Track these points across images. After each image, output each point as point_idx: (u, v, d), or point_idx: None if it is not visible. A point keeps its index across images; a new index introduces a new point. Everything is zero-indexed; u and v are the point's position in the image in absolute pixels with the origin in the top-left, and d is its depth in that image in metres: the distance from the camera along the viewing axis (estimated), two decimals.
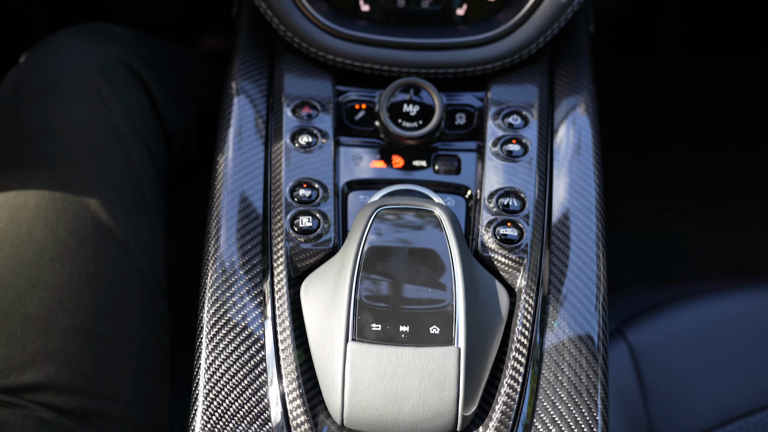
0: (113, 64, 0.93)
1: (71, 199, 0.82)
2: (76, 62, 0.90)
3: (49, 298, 0.77)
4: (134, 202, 0.87)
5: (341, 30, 0.83)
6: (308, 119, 0.81)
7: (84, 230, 0.81)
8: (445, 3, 0.85)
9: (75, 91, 0.89)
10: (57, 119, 0.87)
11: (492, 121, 0.82)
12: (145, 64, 0.98)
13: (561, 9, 0.83)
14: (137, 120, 0.91)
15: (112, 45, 0.96)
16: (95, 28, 1.00)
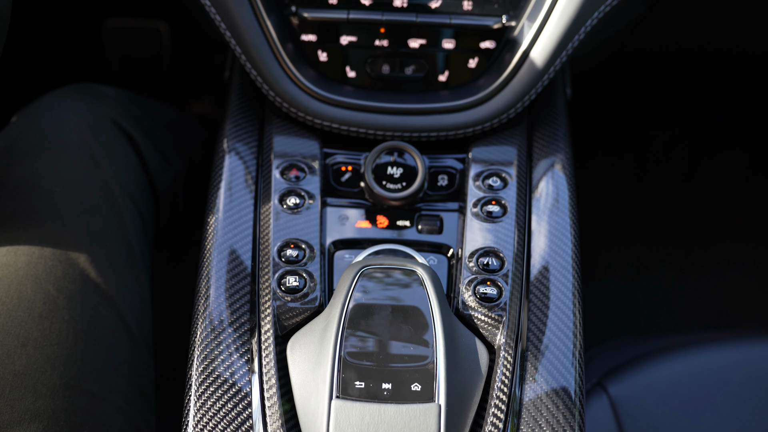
0: (103, 123, 0.96)
1: (60, 257, 0.84)
2: (67, 121, 0.93)
3: (37, 356, 0.79)
4: (122, 258, 0.89)
5: (328, 96, 0.87)
6: (296, 181, 0.84)
7: (73, 287, 0.83)
8: (427, 70, 0.89)
9: (66, 149, 0.91)
10: (47, 176, 0.89)
11: (473, 183, 0.85)
12: (135, 122, 1.01)
13: (538, 75, 0.87)
14: (126, 177, 0.94)
15: (102, 104, 0.99)
16: (86, 88, 1.03)
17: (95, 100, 0.99)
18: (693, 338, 1.12)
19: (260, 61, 0.86)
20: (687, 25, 1.21)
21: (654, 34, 1.20)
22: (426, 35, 0.87)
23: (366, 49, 0.88)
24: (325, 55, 0.89)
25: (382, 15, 0.86)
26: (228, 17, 0.86)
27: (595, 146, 1.75)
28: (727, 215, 1.71)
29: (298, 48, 0.89)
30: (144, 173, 0.98)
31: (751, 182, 1.74)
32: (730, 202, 1.73)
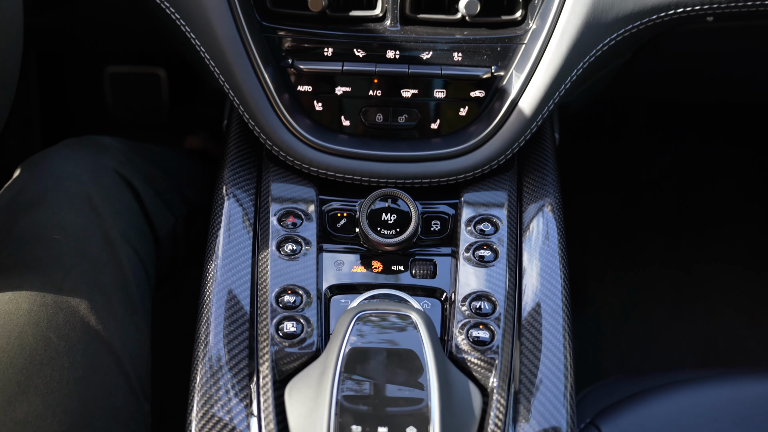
0: (105, 173, 0.99)
1: (62, 304, 0.86)
2: (69, 172, 0.96)
3: (38, 403, 0.80)
4: (122, 305, 0.91)
5: (324, 144, 0.90)
6: (293, 228, 0.87)
7: (73, 334, 0.85)
8: (419, 118, 0.92)
9: (68, 200, 0.94)
10: (49, 226, 0.91)
11: (464, 228, 0.88)
12: (136, 171, 1.04)
13: (527, 123, 0.90)
14: (127, 225, 0.96)
15: (104, 155, 1.01)
16: (87, 140, 1.05)
17: (97, 152, 1.01)
18: (685, 377, 1.13)
19: (258, 111, 0.89)
20: (671, 73, 1.26)
21: (639, 80, 1.24)
22: (418, 85, 0.91)
23: (360, 99, 0.91)
24: (320, 105, 0.92)
25: (375, 67, 0.90)
26: (227, 70, 0.89)
27: (585, 183, 1.78)
28: (717, 251, 1.74)
29: (295, 98, 0.92)
30: (145, 220, 1.01)
31: (740, 217, 1.77)
32: (718, 238, 1.76)
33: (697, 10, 0.90)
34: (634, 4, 0.88)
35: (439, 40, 0.90)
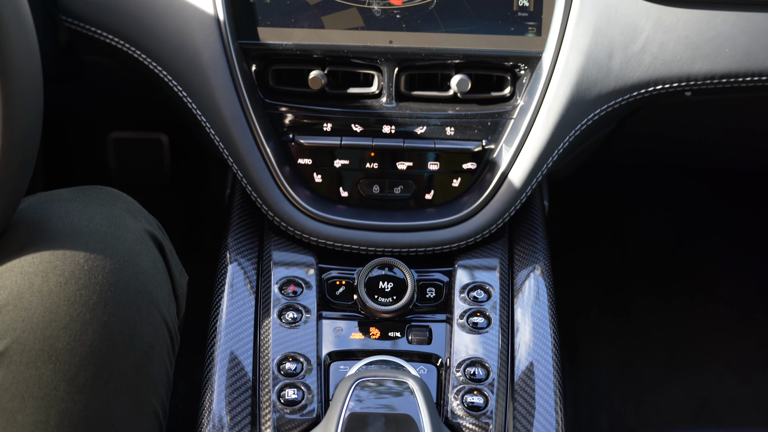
0: (125, 226, 0.86)
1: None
2: (84, 228, 0.81)
3: None
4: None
5: (323, 215, 0.94)
6: (294, 296, 0.90)
7: None
8: (414, 189, 0.96)
9: (83, 265, 0.82)
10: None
11: (458, 296, 0.91)
12: (155, 225, 0.93)
13: (517, 194, 0.95)
14: (156, 285, 0.85)
15: (120, 205, 0.88)
16: (96, 188, 0.91)
17: (114, 203, 0.89)
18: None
19: (260, 184, 0.94)
20: (654, 140, 1.31)
21: (624, 146, 1.30)
22: (413, 158, 0.95)
23: (358, 171, 0.96)
24: (320, 177, 0.96)
25: (372, 141, 0.94)
26: (231, 145, 0.94)
27: (577, 242, 1.82)
28: (708, 309, 1.77)
29: (295, 170, 0.96)
30: (169, 279, 0.90)
31: (731, 275, 1.81)
32: (709, 296, 1.79)
33: (675, 86, 0.96)
34: (615, 83, 0.94)
35: (433, 115, 0.95)
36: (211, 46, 0.91)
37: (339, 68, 0.95)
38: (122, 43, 0.96)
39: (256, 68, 0.95)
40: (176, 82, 0.95)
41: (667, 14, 0.93)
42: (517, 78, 0.96)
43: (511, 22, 0.93)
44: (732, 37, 0.93)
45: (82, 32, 0.98)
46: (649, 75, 0.94)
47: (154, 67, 0.96)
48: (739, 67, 0.94)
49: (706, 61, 0.94)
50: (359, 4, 0.93)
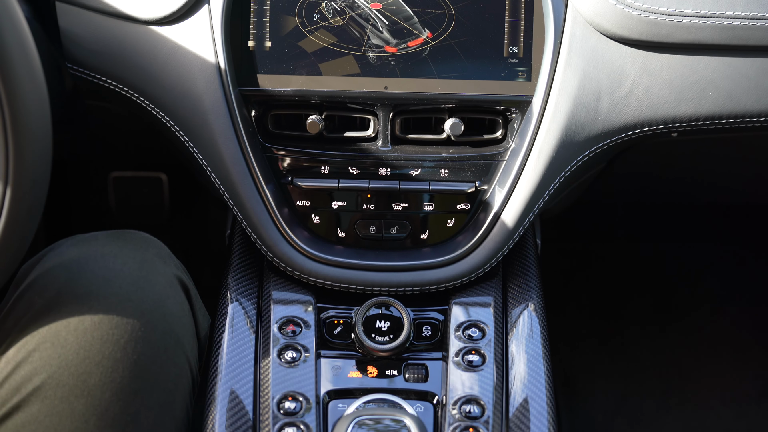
0: (156, 269, 0.89)
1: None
2: (118, 272, 0.85)
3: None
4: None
5: (321, 255, 0.96)
6: (293, 335, 0.92)
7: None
8: (410, 230, 0.99)
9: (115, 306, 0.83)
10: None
11: (454, 334, 0.93)
12: (182, 269, 0.95)
13: (510, 233, 0.97)
14: (181, 329, 0.88)
15: (151, 250, 0.92)
16: (129, 233, 0.96)
17: (146, 248, 0.92)
18: None
19: (259, 225, 0.96)
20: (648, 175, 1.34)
21: (615, 184, 1.33)
22: (408, 199, 0.98)
23: (355, 212, 0.98)
24: (317, 218, 0.99)
25: (368, 183, 0.97)
26: (231, 188, 0.97)
27: (571, 275, 1.84)
28: (702, 342, 1.79)
29: (293, 212, 0.99)
30: (193, 321, 0.92)
31: (725, 308, 1.83)
32: (704, 329, 1.81)
33: (661, 128, 0.99)
34: (603, 125, 0.97)
35: (427, 158, 0.98)
36: (212, 92, 0.94)
37: (336, 113, 0.98)
38: (126, 90, 0.99)
39: (255, 113, 0.98)
40: (178, 127, 0.98)
41: (652, 60, 0.96)
42: (509, 121, 0.99)
43: (502, 68, 0.97)
44: (714, 81, 0.97)
45: (87, 79, 1.01)
46: (636, 118, 0.97)
47: (157, 112, 0.99)
48: (722, 110, 0.98)
49: (690, 104, 0.97)
50: (355, 52, 0.96)
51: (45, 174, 0.77)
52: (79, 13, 0.98)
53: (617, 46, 0.96)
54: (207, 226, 1.79)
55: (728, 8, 0.94)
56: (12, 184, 0.71)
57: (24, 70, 0.71)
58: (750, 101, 0.97)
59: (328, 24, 0.96)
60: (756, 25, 0.94)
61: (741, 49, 0.96)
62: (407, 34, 0.96)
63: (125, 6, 0.96)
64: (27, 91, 0.71)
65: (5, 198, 0.71)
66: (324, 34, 0.96)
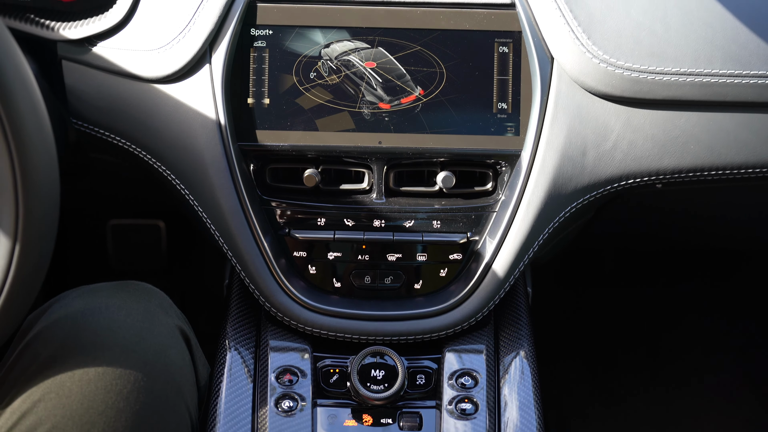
0: (158, 320, 0.92)
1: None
2: (121, 323, 0.88)
3: None
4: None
5: (317, 305, 0.99)
6: (290, 384, 0.94)
7: None
8: (404, 280, 1.02)
9: (120, 362, 0.85)
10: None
11: (447, 382, 0.95)
12: (183, 320, 0.98)
13: (501, 283, 1.00)
14: (182, 378, 0.90)
15: (151, 302, 0.94)
16: (131, 285, 0.98)
17: (149, 299, 0.95)
18: None
19: (257, 276, 0.99)
20: (635, 222, 1.38)
21: (603, 232, 1.36)
22: (402, 250, 1.01)
23: (350, 263, 1.01)
24: (314, 268, 1.01)
25: (363, 235, 1.00)
26: (230, 240, 0.99)
27: (563, 320, 1.86)
28: (694, 388, 1.80)
29: (290, 263, 1.01)
30: (194, 371, 0.95)
31: (716, 353, 1.85)
32: (696, 375, 1.83)
33: (646, 180, 1.03)
34: (590, 178, 1.00)
35: (420, 210, 1.01)
36: (213, 147, 0.98)
37: (332, 166, 1.02)
38: (129, 144, 1.03)
39: (254, 167, 1.01)
40: (179, 180, 1.01)
41: (635, 115, 1.00)
42: (499, 174, 1.03)
43: (491, 123, 1.01)
44: (695, 135, 1.01)
45: (90, 133, 1.05)
46: (621, 170, 1.01)
47: (158, 166, 1.02)
48: (704, 163, 1.01)
49: (673, 158, 1.01)
50: (350, 108, 1.00)
51: (52, 228, 0.79)
52: (85, 71, 1.02)
53: (601, 102, 1.00)
54: (204, 274, 1.81)
55: (706, 66, 0.99)
56: (21, 240, 0.74)
57: (34, 128, 0.74)
58: (730, 154, 1.01)
59: (324, 82, 1.00)
60: (733, 82, 0.99)
61: (720, 104, 1.00)
62: (400, 92, 1.00)
63: (130, 65, 0.99)
64: (37, 149, 0.74)
65: (14, 253, 0.74)
66: (320, 92, 1.00)
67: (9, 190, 0.73)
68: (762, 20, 1.00)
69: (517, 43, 0.99)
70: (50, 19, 1.01)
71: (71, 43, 1.01)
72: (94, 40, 1.01)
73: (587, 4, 0.98)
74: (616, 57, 0.97)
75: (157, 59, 0.98)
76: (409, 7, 0.99)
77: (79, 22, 1.01)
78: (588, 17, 0.97)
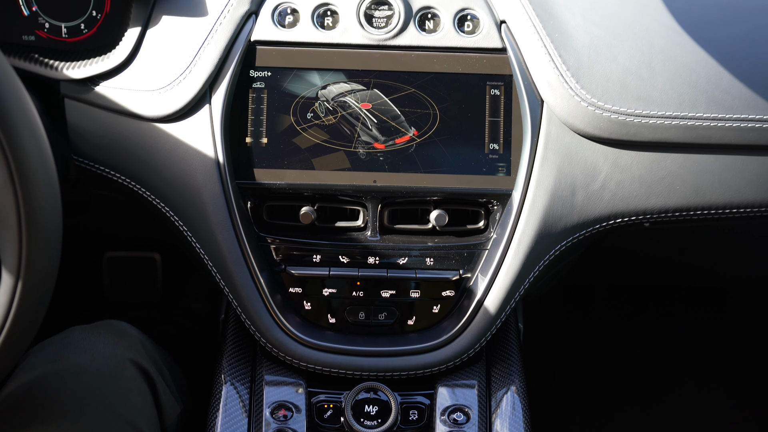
0: (123, 365, 0.99)
1: None
2: (87, 367, 0.96)
3: None
4: None
5: (312, 341, 1.00)
6: (284, 420, 0.96)
7: None
8: (397, 316, 1.04)
9: (85, 403, 0.94)
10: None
11: (439, 418, 0.97)
12: (149, 358, 1.04)
13: (493, 319, 1.02)
14: (141, 420, 0.95)
15: (120, 344, 1.02)
16: (104, 326, 1.06)
17: (114, 341, 1.02)
18: None
19: (253, 311, 1.01)
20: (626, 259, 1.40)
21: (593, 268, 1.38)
22: (396, 287, 1.03)
23: (345, 299, 1.03)
24: (309, 304, 1.03)
25: (358, 271, 1.02)
26: (226, 274, 1.01)
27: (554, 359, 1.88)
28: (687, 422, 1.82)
29: (286, 298, 1.03)
30: (156, 410, 1.01)
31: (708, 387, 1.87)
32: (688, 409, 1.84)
33: (633, 219, 1.05)
34: (579, 217, 1.03)
35: (414, 247, 1.03)
36: (211, 186, 1.00)
37: (328, 204, 1.04)
38: (129, 181, 1.05)
39: (251, 204, 1.03)
40: (178, 217, 1.03)
41: (623, 156, 1.03)
42: (490, 212, 1.05)
43: (483, 163, 1.03)
44: (681, 176, 1.04)
45: (91, 170, 1.07)
46: (609, 210, 1.03)
47: (157, 203, 1.04)
48: (689, 203, 1.04)
49: (659, 198, 1.04)
50: (346, 148, 1.03)
51: (54, 266, 0.81)
52: (86, 109, 1.05)
53: (590, 144, 1.03)
54: (198, 306, 1.82)
55: (691, 110, 1.02)
56: (23, 277, 0.76)
57: (39, 167, 0.76)
58: (715, 195, 1.04)
59: (320, 122, 1.03)
60: (717, 125, 1.02)
61: (704, 146, 1.03)
62: (395, 132, 1.03)
63: (132, 104, 1.02)
64: (41, 188, 0.76)
65: (16, 290, 0.76)
66: (317, 132, 1.03)
67: (13, 228, 0.75)
68: (744, 66, 1.04)
69: (508, 86, 1.03)
70: (54, 59, 1.04)
71: (74, 82, 1.04)
72: (96, 80, 1.03)
73: (575, 49, 1.01)
74: (603, 100, 1.00)
75: (158, 99, 1.01)
76: (404, 50, 1.02)
77: (82, 62, 1.03)
78: (576, 62, 1.01)
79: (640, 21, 1.04)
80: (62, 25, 1.06)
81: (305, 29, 1.02)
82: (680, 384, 1.87)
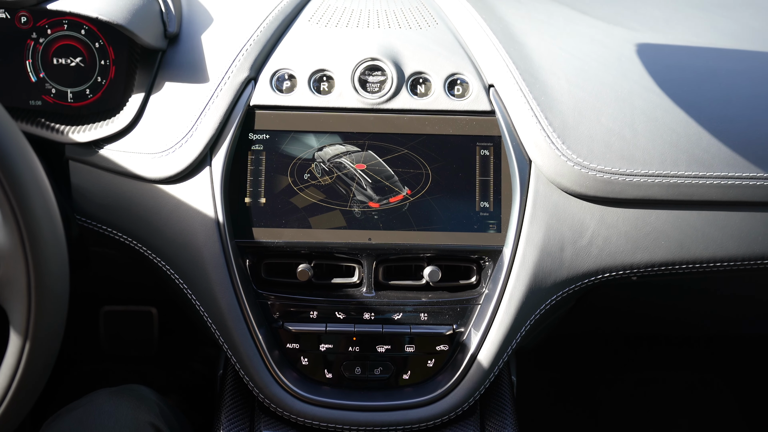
0: (144, 429, 1.03)
1: None
2: (114, 426, 1.01)
3: None
4: None
5: (309, 396, 1.02)
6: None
7: None
8: (393, 370, 1.06)
9: None
10: None
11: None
12: (167, 421, 1.08)
13: (487, 373, 1.04)
14: None
15: (141, 408, 1.06)
16: (126, 392, 1.11)
17: (136, 405, 1.06)
18: None
19: (251, 367, 1.03)
20: (615, 310, 1.43)
21: (583, 320, 1.41)
22: (391, 342, 1.06)
23: (341, 354, 1.05)
24: (306, 360, 1.05)
25: (354, 327, 1.05)
26: (225, 330, 1.04)
27: (547, 410, 1.88)
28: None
29: (283, 354, 1.05)
30: None
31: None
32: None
33: (620, 273, 1.08)
34: (568, 272, 1.06)
35: (408, 303, 1.06)
36: (211, 245, 1.03)
37: (324, 261, 1.07)
38: (130, 240, 1.08)
39: (250, 262, 1.06)
40: (177, 275, 1.06)
41: (609, 213, 1.07)
42: (482, 268, 1.08)
43: (474, 221, 1.07)
44: (665, 232, 1.07)
45: (93, 229, 1.10)
46: (597, 265, 1.07)
47: (158, 261, 1.07)
48: (674, 257, 1.08)
49: (645, 253, 1.07)
50: (342, 207, 1.06)
51: (61, 327, 0.83)
52: (90, 171, 1.08)
53: (577, 201, 1.06)
54: (194, 361, 1.83)
55: (672, 168, 1.06)
56: (31, 338, 0.78)
57: (49, 232, 0.78)
58: (699, 249, 1.08)
59: (317, 182, 1.06)
60: (698, 183, 1.06)
61: (687, 203, 1.07)
62: (389, 191, 1.06)
63: (134, 167, 1.06)
64: (50, 251, 0.79)
65: (24, 351, 0.78)
66: (313, 191, 1.06)
67: (22, 291, 0.77)
68: (722, 125, 1.08)
69: (497, 147, 1.07)
70: (60, 122, 1.08)
71: (79, 145, 1.07)
72: (101, 143, 1.07)
73: (561, 111, 1.06)
74: (589, 160, 1.04)
75: (160, 162, 1.04)
76: (397, 114, 1.07)
77: (87, 126, 1.07)
78: (562, 123, 1.05)
79: (622, 83, 1.09)
80: (68, 91, 1.10)
81: (302, 94, 1.06)
82: (674, 429, 1.88)
